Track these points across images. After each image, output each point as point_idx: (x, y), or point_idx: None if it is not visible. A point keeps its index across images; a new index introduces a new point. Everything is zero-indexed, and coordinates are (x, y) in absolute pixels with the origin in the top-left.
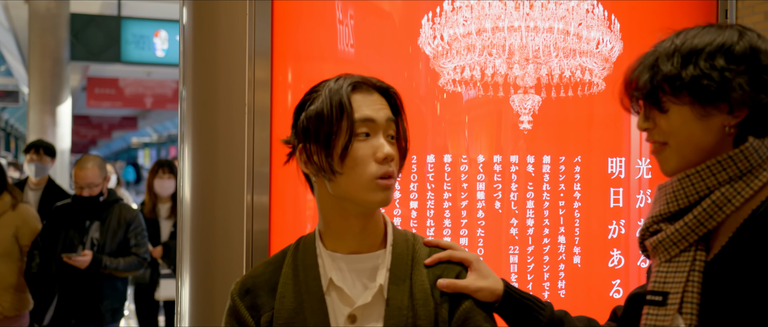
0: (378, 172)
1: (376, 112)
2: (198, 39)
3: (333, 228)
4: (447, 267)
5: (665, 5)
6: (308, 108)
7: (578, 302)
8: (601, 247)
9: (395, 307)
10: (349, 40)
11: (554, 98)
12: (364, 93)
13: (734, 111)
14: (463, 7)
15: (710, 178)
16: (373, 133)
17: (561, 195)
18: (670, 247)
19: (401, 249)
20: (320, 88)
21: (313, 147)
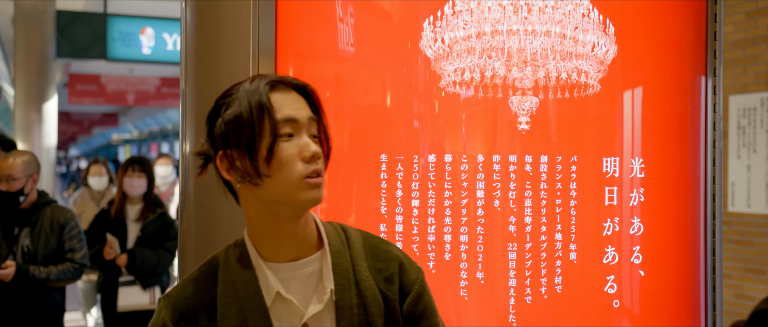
0: (305, 171)
1: (298, 110)
2: (201, 37)
3: (267, 235)
4: (387, 258)
5: (657, 10)
6: (224, 113)
7: (574, 297)
8: (596, 244)
9: (346, 307)
10: (350, 39)
11: (551, 100)
12: (282, 92)
13: None
14: (463, 11)
15: None
16: (296, 132)
17: (558, 193)
18: None
19: (337, 246)
20: (234, 91)
21: (234, 153)
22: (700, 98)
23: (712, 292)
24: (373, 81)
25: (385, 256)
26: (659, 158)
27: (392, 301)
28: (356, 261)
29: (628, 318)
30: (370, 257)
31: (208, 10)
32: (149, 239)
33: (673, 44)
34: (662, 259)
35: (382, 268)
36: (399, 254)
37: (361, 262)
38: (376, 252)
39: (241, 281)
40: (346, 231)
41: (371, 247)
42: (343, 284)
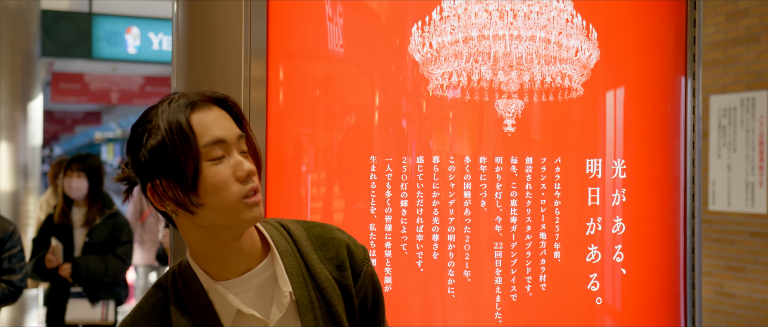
0: (242, 191)
1: (225, 130)
2: (192, 37)
3: (213, 257)
4: (334, 245)
5: (639, 15)
6: (147, 142)
7: (558, 294)
8: (580, 243)
9: (306, 304)
10: (339, 40)
11: (536, 103)
12: (203, 111)
13: None
14: (450, 17)
15: None
16: (226, 153)
17: (542, 194)
18: None
19: (284, 246)
20: (152, 116)
21: (163, 183)
22: (679, 101)
23: (692, 290)
24: (363, 82)
25: (332, 244)
26: (640, 159)
27: (348, 288)
28: (307, 255)
29: (611, 315)
30: (319, 248)
31: (199, 10)
32: (98, 245)
33: (654, 48)
34: (643, 258)
35: (332, 257)
36: (344, 238)
37: (312, 255)
38: (322, 242)
39: (196, 309)
40: (288, 227)
41: (317, 237)
42: (298, 282)
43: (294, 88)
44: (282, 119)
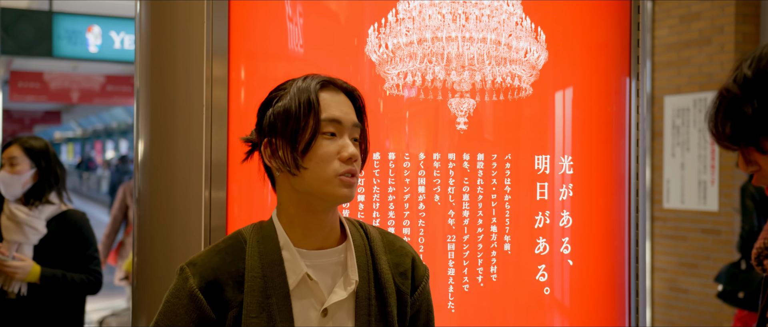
0: (341, 169)
1: (345, 114)
2: (155, 36)
3: (298, 223)
4: (402, 254)
5: (585, 19)
6: (275, 105)
7: (508, 285)
8: (529, 236)
9: (364, 298)
10: (299, 40)
11: (487, 102)
12: (331, 92)
13: None
14: (405, 19)
15: None
16: (339, 134)
17: (493, 189)
18: None
19: (358, 241)
20: (288, 85)
21: (279, 142)
22: (625, 100)
23: (636, 280)
24: None
25: (400, 252)
26: (587, 156)
27: (405, 295)
28: (377, 255)
29: (558, 304)
30: (388, 252)
31: (162, 9)
32: None
33: (600, 50)
34: (589, 250)
35: (398, 263)
36: (411, 251)
37: (381, 256)
38: (392, 247)
39: (268, 260)
40: (365, 226)
41: (389, 242)
42: (363, 276)
43: (255, 88)
44: (244, 119)
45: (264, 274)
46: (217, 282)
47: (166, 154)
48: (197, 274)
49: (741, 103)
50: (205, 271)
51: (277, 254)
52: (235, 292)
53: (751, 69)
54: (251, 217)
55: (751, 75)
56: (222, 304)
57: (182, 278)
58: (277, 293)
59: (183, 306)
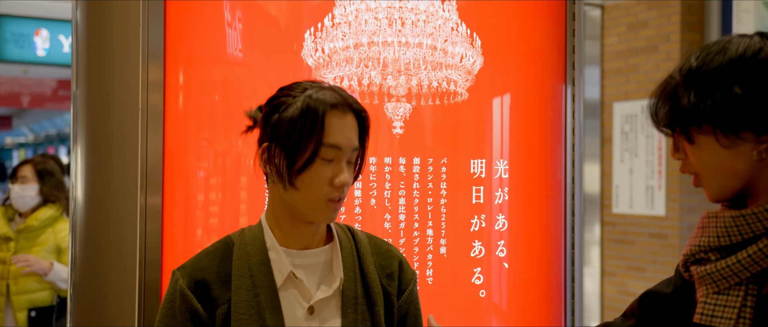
0: (330, 194)
1: (347, 140)
2: (91, 39)
3: (284, 227)
4: (389, 256)
5: (521, 25)
6: (282, 112)
7: (444, 288)
8: (465, 239)
9: (351, 297)
10: (238, 44)
11: (423, 106)
12: (340, 114)
13: (761, 136)
14: (342, 24)
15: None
16: (336, 158)
17: (429, 193)
18: (719, 280)
19: (344, 242)
20: (298, 92)
21: (277, 151)
22: (561, 106)
23: (572, 283)
24: (261, 86)
25: (387, 254)
26: (523, 160)
27: (391, 296)
28: (363, 256)
29: (494, 307)
30: (375, 254)
31: (98, 11)
32: None
33: (536, 56)
34: (525, 253)
35: (385, 265)
36: (399, 254)
37: (368, 257)
38: (380, 250)
39: (256, 260)
40: (352, 230)
41: (376, 245)
42: (349, 276)
43: (193, 92)
44: (181, 123)
45: (251, 273)
46: (204, 281)
47: (102, 160)
48: (186, 276)
49: (680, 92)
50: (193, 272)
51: (264, 254)
52: (222, 291)
53: (696, 61)
54: (187, 222)
55: (695, 67)
56: (211, 302)
57: (173, 281)
58: (265, 291)
59: (177, 307)
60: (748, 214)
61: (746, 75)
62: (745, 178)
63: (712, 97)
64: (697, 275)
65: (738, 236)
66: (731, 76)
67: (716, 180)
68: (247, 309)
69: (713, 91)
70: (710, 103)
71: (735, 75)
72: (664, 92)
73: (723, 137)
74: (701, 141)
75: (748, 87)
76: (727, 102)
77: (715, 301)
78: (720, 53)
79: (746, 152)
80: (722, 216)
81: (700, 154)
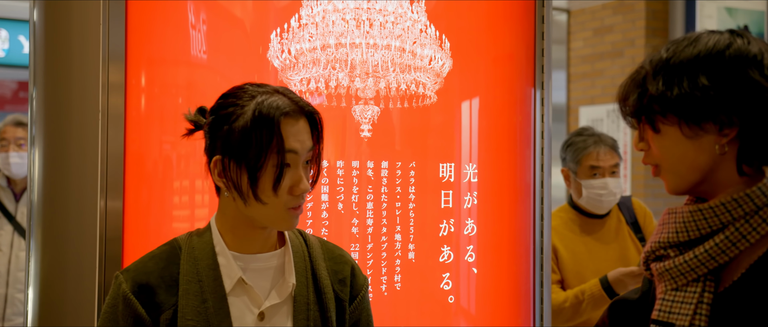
0: (291, 203)
1: (301, 143)
2: (50, 39)
3: (236, 232)
4: (341, 261)
5: (490, 28)
6: (233, 122)
7: (412, 294)
8: (433, 244)
9: (303, 302)
10: (202, 45)
11: (392, 109)
12: (292, 120)
13: (724, 129)
14: (309, 24)
15: (725, 215)
16: (293, 164)
17: (397, 197)
18: (677, 276)
19: (297, 247)
20: (245, 99)
21: (233, 165)
22: (530, 109)
23: (541, 287)
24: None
25: (340, 260)
26: (492, 164)
27: (343, 302)
28: (316, 261)
29: (463, 312)
30: (328, 259)
31: (56, 11)
32: None
33: (506, 59)
34: (494, 258)
35: (337, 270)
36: (351, 260)
37: (320, 263)
38: (332, 255)
39: (204, 264)
40: (304, 234)
41: (328, 250)
42: (301, 281)
43: (155, 95)
44: (142, 126)
45: (200, 278)
46: (149, 285)
47: (60, 163)
48: (130, 279)
49: (648, 80)
50: (137, 276)
51: (213, 259)
52: (167, 296)
53: (667, 53)
54: (149, 227)
55: (665, 58)
56: (155, 306)
57: (116, 284)
58: (213, 296)
59: (120, 311)
60: (706, 209)
61: (713, 68)
62: (704, 172)
63: (680, 87)
64: (656, 272)
65: (696, 232)
66: (699, 67)
67: (676, 171)
68: (195, 315)
69: (681, 81)
70: (677, 93)
71: (703, 67)
72: (634, 80)
73: (687, 128)
74: (666, 130)
75: (714, 79)
76: (693, 92)
77: (672, 298)
78: (690, 46)
79: (708, 145)
80: (681, 211)
81: (664, 144)
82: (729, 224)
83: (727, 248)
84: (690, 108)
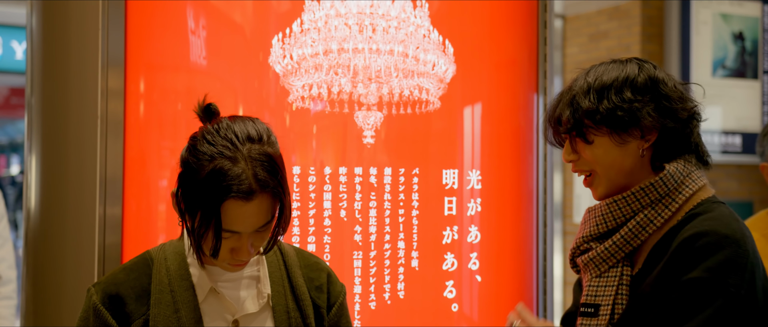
0: (229, 260)
1: (248, 225)
2: (47, 44)
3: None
4: (317, 269)
5: (494, 33)
6: (191, 175)
7: (416, 302)
8: (437, 252)
9: (282, 311)
10: (201, 51)
11: (395, 115)
12: (241, 203)
13: (646, 135)
14: (311, 29)
15: (635, 203)
16: (235, 238)
17: (401, 204)
18: (600, 263)
19: (271, 256)
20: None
21: (184, 205)
22: (532, 115)
23: (544, 295)
24: (226, 95)
25: (315, 267)
26: (495, 171)
27: (321, 309)
28: (291, 269)
29: (466, 320)
30: (303, 267)
31: (54, 16)
32: None
33: (508, 64)
34: (498, 265)
35: (313, 277)
36: (326, 267)
37: (296, 270)
38: (307, 262)
39: (176, 274)
40: (278, 243)
41: (303, 257)
42: (278, 290)
43: (155, 101)
44: (142, 132)
45: (172, 288)
46: (119, 295)
47: (58, 169)
48: (100, 291)
49: (579, 98)
50: (107, 287)
51: (185, 269)
52: (137, 306)
53: (590, 77)
54: (148, 234)
55: (592, 81)
56: (125, 317)
57: (87, 297)
58: (186, 307)
59: (91, 324)
60: (619, 199)
61: (633, 85)
62: (630, 175)
63: (609, 100)
64: (582, 264)
65: (613, 222)
66: (622, 85)
67: (608, 176)
68: (167, 324)
69: (609, 96)
70: (606, 106)
71: (625, 84)
72: (562, 102)
73: (616, 136)
74: (597, 141)
75: (635, 93)
76: (621, 105)
77: (597, 283)
78: (608, 72)
79: (633, 150)
80: (599, 206)
81: (596, 153)
82: (639, 212)
83: (638, 233)
84: (618, 118)
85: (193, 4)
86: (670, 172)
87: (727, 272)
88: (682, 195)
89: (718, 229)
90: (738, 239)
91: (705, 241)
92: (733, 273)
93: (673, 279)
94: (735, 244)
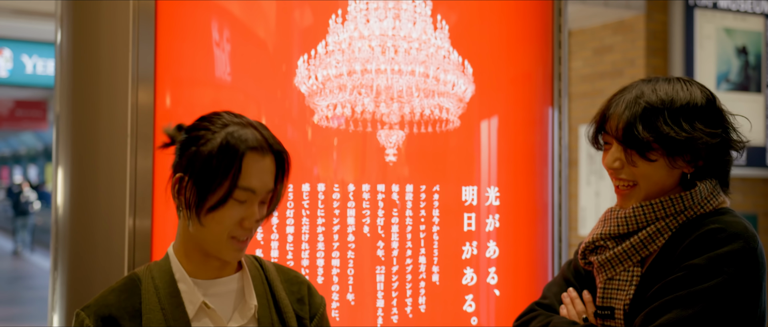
0: (235, 232)
1: (263, 183)
2: (77, 62)
3: (192, 258)
4: (297, 282)
5: (510, 52)
6: (201, 145)
7: (436, 316)
8: (457, 267)
9: (267, 324)
10: (227, 67)
11: (416, 133)
12: (258, 157)
13: (696, 161)
14: (335, 51)
15: (660, 211)
16: (249, 201)
17: (422, 220)
18: (616, 264)
19: (253, 271)
20: (218, 126)
21: (189, 185)
22: (547, 131)
23: None
24: (250, 109)
25: (295, 280)
26: (513, 186)
27: (304, 320)
28: (273, 283)
29: None
30: (284, 280)
31: (84, 34)
32: None
33: (525, 82)
34: (515, 279)
35: (294, 290)
36: (305, 280)
37: (278, 284)
38: (287, 276)
39: (165, 293)
40: (258, 259)
41: (282, 272)
42: (263, 303)
43: (182, 116)
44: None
45: (162, 307)
46: (112, 317)
47: (88, 182)
48: (92, 314)
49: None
50: (99, 310)
51: (174, 286)
52: (131, 325)
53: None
54: None
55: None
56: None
57: (78, 322)
58: (177, 323)
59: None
60: (646, 205)
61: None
62: (664, 191)
63: (684, 131)
64: (596, 263)
65: (634, 225)
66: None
67: (647, 189)
68: None
69: (682, 126)
70: (686, 135)
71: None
72: (635, 113)
73: (670, 159)
74: (655, 159)
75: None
76: (699, 136)
77: (610, 286)
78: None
79: (678, 171)
80: (623, 208)
81: (648, 170)
82: (661, 219)
83: (656, 238)
84: (686, 147)
85: (218, 20)
86: (700, 190)
87: (727, 262)
88: (704, 210)
89: (729, 228)
90: (748, 238)
91: (716, 237)
92: (733, 263)
93: (676, 265)
94: (743, 241)
